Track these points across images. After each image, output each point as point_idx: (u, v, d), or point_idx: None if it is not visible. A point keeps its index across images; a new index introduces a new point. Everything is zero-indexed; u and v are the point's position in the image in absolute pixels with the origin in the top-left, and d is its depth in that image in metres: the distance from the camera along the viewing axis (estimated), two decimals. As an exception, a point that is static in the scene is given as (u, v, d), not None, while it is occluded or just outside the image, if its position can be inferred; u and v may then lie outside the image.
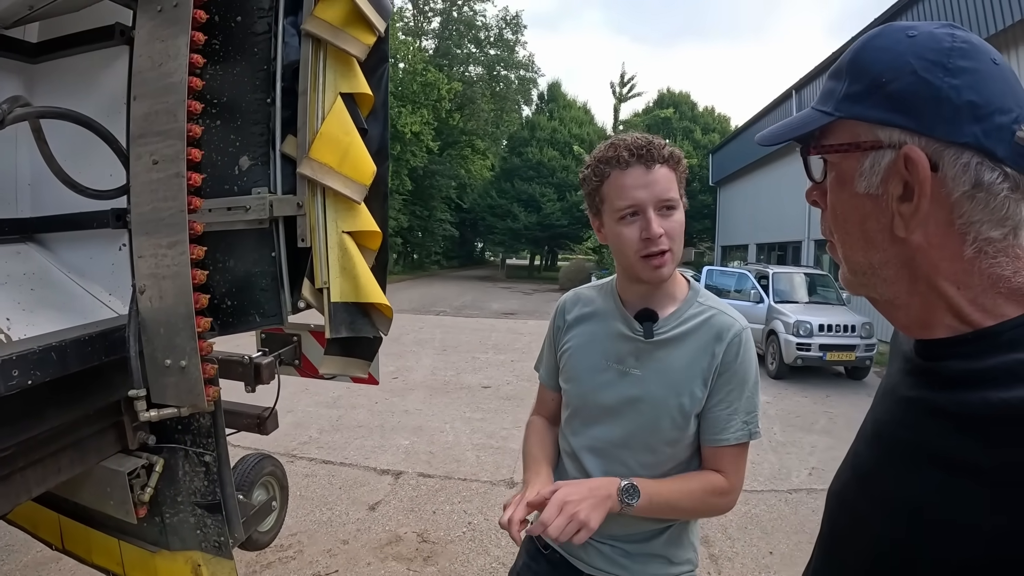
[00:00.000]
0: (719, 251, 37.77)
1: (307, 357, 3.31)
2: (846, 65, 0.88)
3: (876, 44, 0.85)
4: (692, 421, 1.78)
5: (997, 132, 0.76)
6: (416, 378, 10.87)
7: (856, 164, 0.86)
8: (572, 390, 1.95)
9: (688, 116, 52.88)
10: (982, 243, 0.79)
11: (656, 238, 1.68)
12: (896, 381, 0.97)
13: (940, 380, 0.84)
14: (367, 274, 2.18)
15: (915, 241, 0.82)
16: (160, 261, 1.94)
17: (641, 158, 1.69)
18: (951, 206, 0.79)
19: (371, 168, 2.22)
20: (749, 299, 14.09)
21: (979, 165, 0.76)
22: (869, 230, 0.87)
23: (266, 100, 2.16)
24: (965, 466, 0.74)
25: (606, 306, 1.92)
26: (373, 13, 2.17)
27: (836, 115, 0.87)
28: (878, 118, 0.82)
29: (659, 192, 1.69)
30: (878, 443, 0.96)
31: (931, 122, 0.78)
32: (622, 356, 1.83)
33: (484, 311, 23.70)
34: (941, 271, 0.82)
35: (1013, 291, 0.79)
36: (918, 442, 0.84)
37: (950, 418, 0.79)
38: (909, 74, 0.79)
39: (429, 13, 50.35)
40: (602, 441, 1.86)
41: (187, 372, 1.94)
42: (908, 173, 0.79)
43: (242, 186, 2.16)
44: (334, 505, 5.56)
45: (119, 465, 2.36)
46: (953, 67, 0.77)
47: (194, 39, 1.98)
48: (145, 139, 1.97)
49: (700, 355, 1.76)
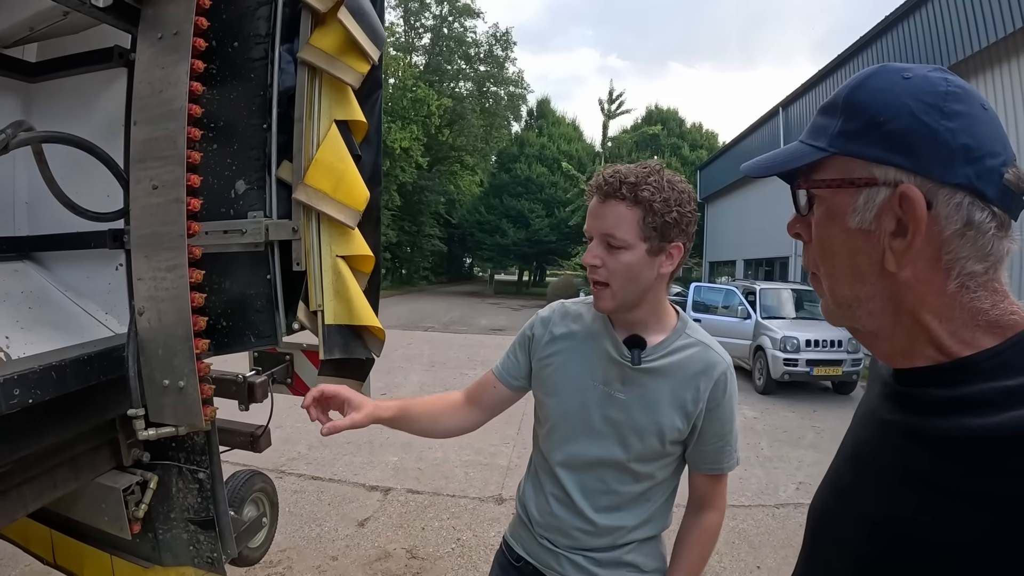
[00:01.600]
0: (707, 267, 37.83)
1: (299, 376, 3.35)
2: (841, 102, 0.90)
3: (872, 84, 0.88)
4: (669, 447, 1.83)
5: (988, 174, 0.80)
6: (405, 394, 10.81)
7: (849, 200, 0.88)
8: (554, 405, 1.95)
9: (676, 133, 52.93)
10: (965, 277, 0.83)
11: (588, 264, 1.74)
12: (876, 404, 1.01)
13: (920, 405, 0.89)
14: (360, 297, 2.24)
15: (903, 276, 0.86)
16: (159, 284, 1.98)
17: (600, 189, 1.72)
18: (941, 243, 0.82)
19: (364, 194, 2.28)
20: (736, 315, 14.17)
21: (971, 205, 0.81)
22: (859, 264, 0.90)
23: (262, 125, 2.20)
24: (944, 487, 0.79)
25: (595, 326, 1.93)
26: (367, 42, 2.23)
27: (831, 151, 0.90)
28: (875, 156, 0.85)
29: (603, 227, 1.71)
30: (858, 463, 1.01)
31: (928, 163, 0.81)
32: (609, 378, 1.85)
33: (472, 327, 23.67)
34: (926, 305, 0.86)
35: (991, 323, 0.84)
36: (898, 463, 0.89)
37: (930, 442, 0.84)
38: (907, 115, 0.82)
39: (420, 29, 50.67)
40: (580, 459, 1.89)
41: (185, 392, 1.97)
42: (903, 211, 0.82)
43: (238, 210, 2.21)
44: (323, 521, 5.57)
45: (114, 482, 2.39)
46: (949, 111, 0.81)
47: (194, 67, 2.02)
48: (145, 164, 2.00)
49: (685, 387, 1.80)
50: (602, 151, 38.61)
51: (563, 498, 1.91)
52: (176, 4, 2.03)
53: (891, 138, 0.83)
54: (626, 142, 43.28)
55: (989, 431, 0.76)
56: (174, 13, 2.03)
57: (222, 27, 2.19)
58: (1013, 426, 0.73)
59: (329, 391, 1.76)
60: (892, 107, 0.84)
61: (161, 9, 2.05)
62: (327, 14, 2.19)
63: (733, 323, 14.01)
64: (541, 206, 46.65)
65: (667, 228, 1.68)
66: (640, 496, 1.88)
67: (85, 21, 2.18)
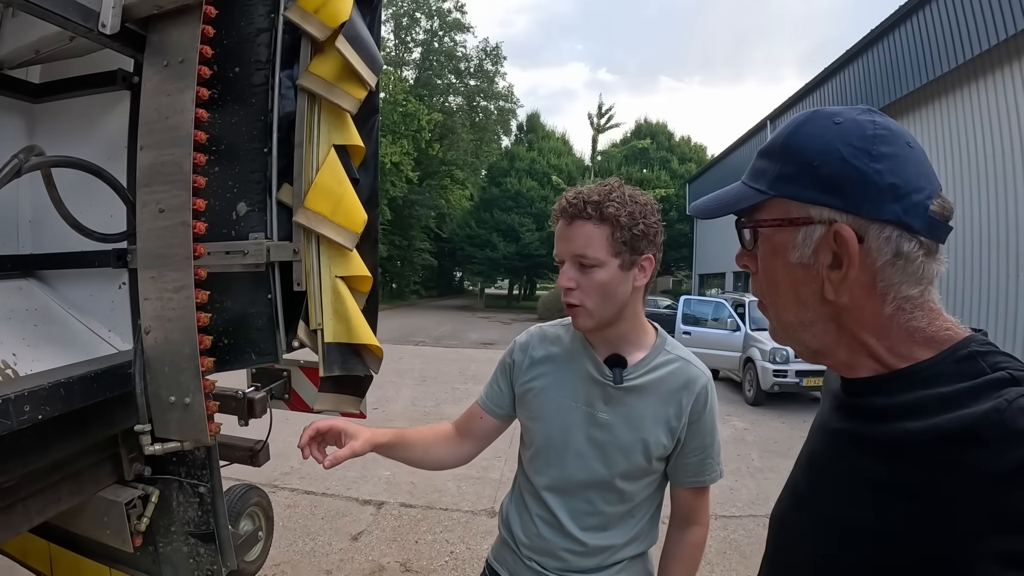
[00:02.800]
0: (696, 279, 37.90)
1: (296, 392, 3.38)
2: (779, 147, 0.98)
3: (806, 130, 0.95)
4: (655, 463, 1.85)
5: (914, 208, 0.88)
6: (396, 409, 10.87)
7: (789, 237, 0.96)
8: (538, 429, 1.95)
9: (665, 146, 53.04)
10: (901, 301, 0.91)
11: (562, 289, 1.77)
12: (827, 417, 1.10)
13: (864, 414, 0.98)
14: (359, 317, 2.31)
15: (842, 302, 0.93)
16: (166, 304, 2.03)
17: (565, 212, 1.75)
18: (875, 272, 0.90)
19: (362, 217, 2.34)
20: (726, 327, 14.21)
21: (899, 237, 0.88)
22: (801, 294, 0.98)
23: (263, 149, 2.27)
24: (887, 485, 0.88)
25: (574, 347, 1.94)
26: (365, 69, 2.29)
27: (770, 193, 0.97)
28: (810, 198, 0.92)
29: (573, 248, 1.73)
30: (812, 471, 1.10)
31: (858, 202, 0.88)
32: (591, 399, 1.86)
33: (463, 341, 23.64)
34: (864, 326, 0.94)
35: (928, 339, 0.92)
36: (846, 467, 0.98)
37: (873, 445, 0.93)
38: (838, 160, 0.89)
39: (410, 44, 50.75)
40: (566, 481, 1.89)
41: (191, 409, 2.02)
42: (837, 246, 0.90)
43: (239, 231, 2.26)
44: (317, 535, 5.59)
45: (116, 495, 2.42)
46: (876, 153, 0.88)
47: (199, 94, 2.08)
48: (152, 188, 2.05)
49: (667, 403, 1.82)
50: (592, 165, 38.70)
51: (551, 520, 1.92)
52: (181, 32, 2.09)
53: (824, 181, 0.91)
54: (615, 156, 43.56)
55: (923, 433, 0.85)
56: (179, 41, 2.08)
57: (224, 53, 2.25)
58: (943, 428, 0.82)
59: (323, 427, 1.82)
60: (824, 152, 0.91)
61: (167, 36, 2.11)
62: (325, 42, 2.26)
63: (723, 335, 14.07)
64: (531, 220, 46.57)
65: (636, 241, 1.71)
66: (626, 514, 1.90)
67: (90, 45, 2.22)
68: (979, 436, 0.78)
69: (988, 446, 0.77)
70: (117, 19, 2.04)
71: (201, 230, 2.11)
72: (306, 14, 2.21)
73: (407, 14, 48.94)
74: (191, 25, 2.07)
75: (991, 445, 0.76)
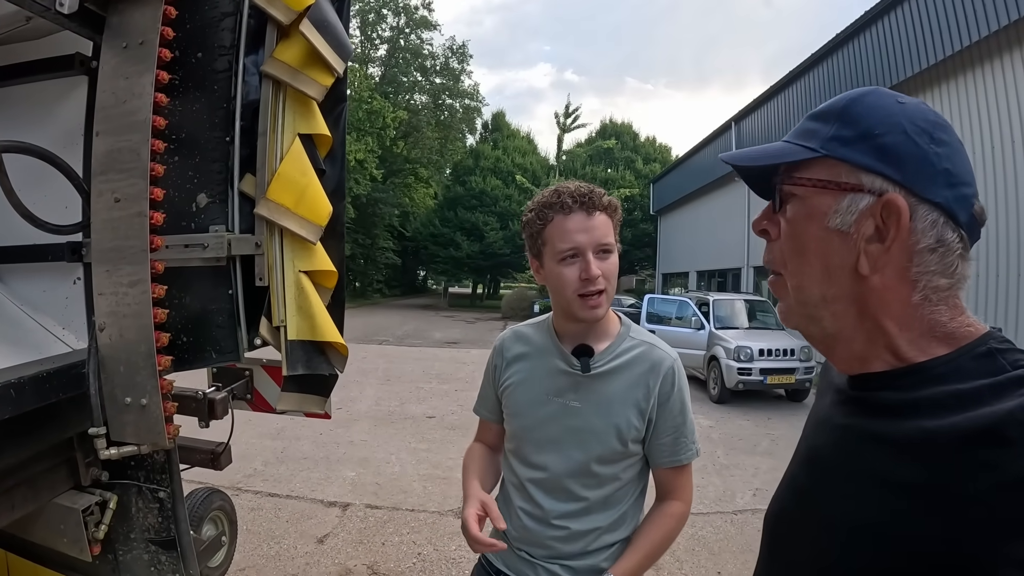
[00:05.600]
0: (660, 279, 38.16)
1: (259, 392, 3.31)
2: (838, 111, 0.94)
3: (869, 101, 0.93)
4: (630, 446, 1.89)
5: (962, 200, 0.86)
6: (360, 409, 10.80)
7: (832, 202, 0.92)
8: (516, 424, 2.04)
9: (630, 146, 53.24)
10: (929, 291, 0.88)
11: (595, 279, 1.80)
12: (830, 412, 1.06)
13: (875, 409, 0.93)
14: (323, 313, 2.22)
15: (872, 281, 0.89)
16: (121, 300, 1.95)
17: (583, 205, 1.81)
18: (913, 255, 0.87)
19: (327, 209, 2.26)
20: (690, 326, 14.35)
21: (944, 224, 0.86)
22: (831, 264, 0.93)
23: (225, 138, 2.18)
24: (901, 487, 0.83)
25: (544, 343, 2.03)
26: (332, 55, 2.21)
27: (822, 152, 0.93)
28: (865, 164, 0.89)
29: (598, 237, 1.81)
30: (815, 468, 1.05)
31: (914, 178, 0.86)
32: (562, 390, 1.94)
33: (427, 340, 23.59)
34: (889, 312, 0.90)
35: (947, 335, 0.89)
36: (855, 466, 0.92)
37: (886, 443, 0.88)
38: (901, 133, 0.87)
39: (376, 40, 50.62)
40: (547, 472, 1.95)
41: (148, 410, 1.94)
42: (883, 218, 0.87)
43: (200, 223, 2.17)
44: (282, 539, 5.49)
45: (72, 502, 2.34)
46: (937, 138, 0.87)
47: (159, 78, 2.00)
48: (107, 176, 1.97)
49: (635, 386, 1.89)
50: (557, 164, 38.85)
51: (533, 511, 1.97)
52: (142, 13, 2.01)
53: (883, 150, 0.88)
54: (580, 156, 43.68)
55: (943, 432, 0.80)
56: (140, 22, 2.00)
57: (186, 37, 2.17)
58: (965, 426, 0.78)
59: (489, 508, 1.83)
60: (887, 123, 0.89)
61: (127, 17, 2.03)
62: (290, 26, 2.17)
63: (687, 334, 14.17)
64: (495, 219, 46.67)
65: (620, 231, 1.89)
66: (608, 499, 1.93)
67: (47, 27, 2.15)
68: (1005, 436, 0.73)
69: (1015, 446, 0.72)
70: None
71: (159, 221, 2.03)
72: None
73: (374, 10, 48.85)
74: (153, 5, 1.99)
75: (1018, 445, 0.72)
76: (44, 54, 2.43)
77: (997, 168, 12.01)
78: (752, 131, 24.34)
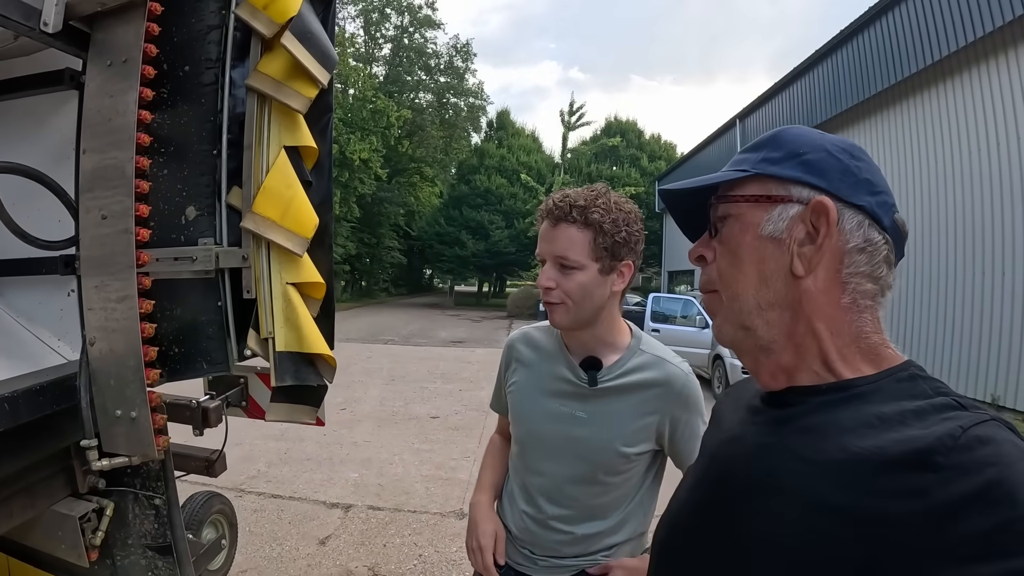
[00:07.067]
0: (665, 276, 38.08)
1: (254, 399, 3.32)
2: (765, 140, 1.03)
3: (794, 131, 1.02)
4: (636, 459, 1.89)
5: (884, 207, 0.94)
6: (364, 409, 10.81)
7: (764, 213, 0.98)
8: (520, 428, 2.05)
9: (635, 144, 53.27)
10: (857, 295, 0.93)
11: (542, 288, 1.83)
12: (742, 430, 1.08)
13: (798, 427, 0.94)
14: (310, 325, 2.22)
15: (806, 283, 0.94)
16: (110, 315, 1.97)
17: (551, 214, 1.81)
18: (843, 256, 0.93)
19: (313, 221, 2.26)
20: (695, 324, 14.32)
21: (869, 226, 0.93)
22: (766, 270, 0.98)
23: (212, 151, 2.18)
24: (825, 506, 0.82)
25: (552, 349, 2.01)
26: (316, 66, 2.20)
27: (753, 172, 1.00)
28: (793, 176, 0.96)
29: (556, 249, 1.79)
30: (728, 486, 1.02)
31: (838, 185, 0.94)
32: (567, 399, 1.93)
33: (432, 339, 23.57)
34: (821, 315, 0.94)
35: (870, 349, 0.94)
36: (776, 483, 0.91)
37: (809, 462, 0.88)
38: (823, 151, 0.97)
39: (380, 40, 50.54)
40: (550, 477, 1.96)
41: (138, 423, 1.96)
42: (813, 222, 0.93)
43: (189, 236, 2.18)
44: (284, 540, 5.52)
45: (70, 509, 2.36)
46: (857, 155, 0.97)
47: (143, 95, 2.01)
48: (94, 193, 1.99)
49: (644, 403, 1.87)
50: (561, 162, 38.77)
51: (536, 515, 1.99)
52: (125, 30, 2.01)
53: (809, 164, 0.96)
54: (585, 153, 43.63)
55: (868, 454, 0.81)
56: (123, 39, 2.01)
57: (173, 52, 2.17)
58: (892, 451, 0.79)
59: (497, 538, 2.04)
60: (811, 145, 0.98)
61: (111, 35, 2.04)
62: (274, 39, 2.17)
63: (692, 332, 14.16)
64: (501, 217, 46.61)
65: (617, 248, 1.78)
66: (612, 503, 1.94)
67: (35, 45, 2.16)
68: (932, 462, 0.75)
69: (941, 472, 0.74)
70: (60, 17, 1.96)
71: (145, 237, 2.04)
72: (255, 10, 2.12)
73: (377, 10, 48.79)
74: (135, 23, 2.00)
75: (944, 472, 0.74)
76: (35, 69, 2.44)
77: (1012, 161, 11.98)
78: (757, 127, 24.28)
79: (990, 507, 0.70)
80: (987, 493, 0.70)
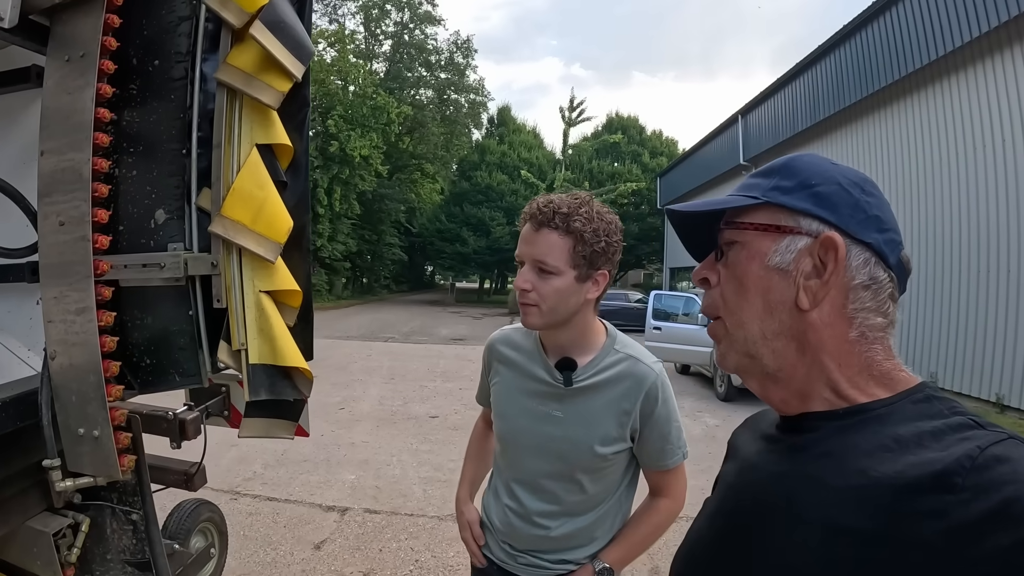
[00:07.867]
0: (667, 273, 38.08)
1: (236, 408, 3.23)
2: (777, 167, 1.03)
3: (806, 159, 1.02)
4: (613, 458, 1.97)
5: (891, 245, 0.95)
6: (363, 408, 10.78)
7: (771, 243, 0.98)
8: (501, 426, 2.15)
9: (636, 140, 53.13)
10: (866, 329, 0.93)
11: (519, 288, 1.88)
12: (759, 460, 1.08)
13: (814, 453, 0.94)
14: (285, 336, 2.08)
15: (811, 317, 0.94)
16: (69, 327, 1.86)
17: (534, 218, 1.86)
18: (848, 292, 0.93)
19: (287, 224, 2.11)
20: (698, 322, 14.19)
21: (876, 264, 0.94)
22: (771, 300, 0.97)
23: (182, 150, 2.05)
24: (846, 530, 0.81)
25: (529, 350, 2.09)
26: (289, 58, 2.05)
27: (763, 199, 0.99)
28: (803, 208, 0.96)
29: (535, 253, 1.86)
30: (745, 515, 1.02)
31: (847, 220, 0.94)
32: (544, 399, 2.01)
33: (433, 337, 23.60)
34: (827, 348, 0.94)
35: (882, 375, 0.94)
36: (798, 511, 0.90)
37: (829, 488, 0.87)
38: (835, 183, 0.96)
39: (380, 36, 50.57)
40: (531, 474, 2.07)
41: (100, 442, 1.86)
42: (820, 256, 0.93)
43: (158, 241, 2.05)
44: (278, 545, 5.43)
45: (44, 525, 2.27)
46: (868, 190, 0.97)
47: (102, 92, 1.90)
48: (52, 198, 1.88)
49: (618, 401, 1.93)
50: (563, 158, 38.72)
51: (518, 510, 2.08)
52: (84, 22, 1.90)
53: (819, 197, 0.96)
54: (586, 150, 43.62)
55: (887, 477, 0.81)
56: (82, 32, 1.90)
57: (139, 45, 2.06)
58: (910, 473, 0.79)
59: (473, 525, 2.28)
60: (823, 176, 0.98)
61: (70, 28, 1.92)
62: (244, 29, 2.01)
63: (694, 330, 14.01)
64: (502, 214, 46.76)
65: (595, 257, 1.85)
66: (589, 501, 2.02)
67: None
68: (950, 483, 0.75)
69: (959, 493, 0.74)
70: (16, 11, 1.83)
71: (104, 244, 1.92)
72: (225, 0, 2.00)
73: (377, 6, 48.78)
74: (93, 15, 1.88)
75: (963, 493, 0.74)
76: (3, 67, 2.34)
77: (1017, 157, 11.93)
78: (759, 124, 24.27)
79: (1009, 525, 0.69)
80: (1005, 510, 0.70)
